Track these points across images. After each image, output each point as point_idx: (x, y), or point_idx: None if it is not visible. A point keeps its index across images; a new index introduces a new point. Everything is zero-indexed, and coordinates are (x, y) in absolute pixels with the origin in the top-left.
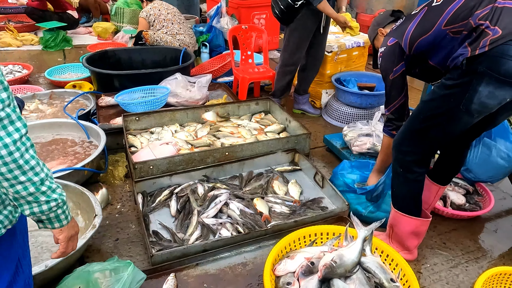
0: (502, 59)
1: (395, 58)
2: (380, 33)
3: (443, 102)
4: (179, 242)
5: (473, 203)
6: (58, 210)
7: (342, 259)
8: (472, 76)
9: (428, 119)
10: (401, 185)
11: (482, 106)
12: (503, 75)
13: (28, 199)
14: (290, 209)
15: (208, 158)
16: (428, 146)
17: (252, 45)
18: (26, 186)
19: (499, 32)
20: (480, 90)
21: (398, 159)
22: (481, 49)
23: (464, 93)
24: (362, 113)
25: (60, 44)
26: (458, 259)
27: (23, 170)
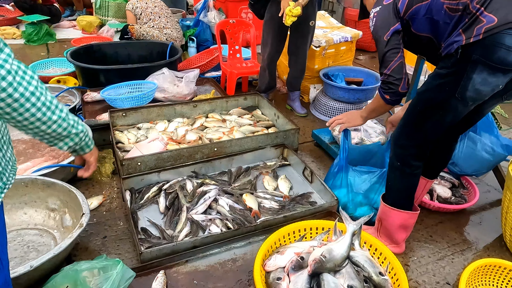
0: (495, 47)
1: (391, 17)
2: None
3: (438, 92)
4: (168, 239)
5: (459, 196)
6: (86, 138)
7: (332, 254)
8: (466, 64)
9: (424, 110)
10: (397, 179)
11: (476, 93)
12: (495, 62)
13: (63, 134)
14: (279, 205)
15: (196, 154)
16: (426, 138)
17: (240, 40)
18: (59, 123)
19: (495, 21)
20: (474, 77)
21: (396, 153)
22: (476, 37)
23: (458, 81)
24: (350, 108)
25: (43, 38)
26: (445, 251)
27: (53, 110)
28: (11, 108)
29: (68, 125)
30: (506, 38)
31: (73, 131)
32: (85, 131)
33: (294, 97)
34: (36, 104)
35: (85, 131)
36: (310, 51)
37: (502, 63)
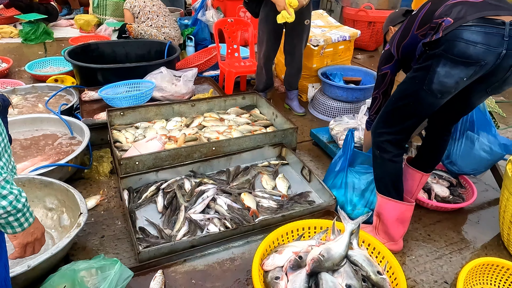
0: (455, 41)
1: (384, 60)
2: (391, 30)
3: (410, 84)
4: (167, 238)
5: (457, 195)
6: (10, 218)
7: (330, 253)
8: (432, 59)
9: (398, 100)
10: (379, 167)
11: (441, 86)
12: (456, 55)
13: None
14: (277, 204)
15: (195, 153)
16: (399, 125)
17: (238, 39)
18: None
19: (451, 21)
20: (438, 70)
21: (375, 142)
22: (437, 35)
23: (426, 74)
24: (348, 107)
25: (41, 37)
26: (442, 250)
27: None
28: None
29: None
30: (464, 33)
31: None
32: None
33: (292, 96)
34: None
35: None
36: (308, 50)
37: (463, 56)
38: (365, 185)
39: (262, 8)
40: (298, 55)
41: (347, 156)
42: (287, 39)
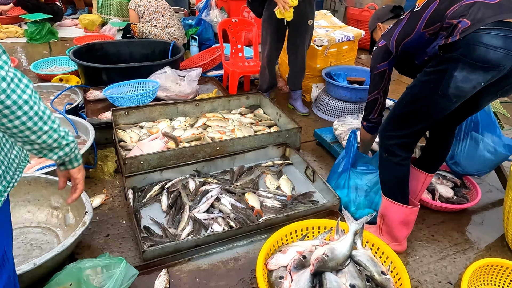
0: (474, 45)
1: (380, 57)
2: (378, 27)
3: (423, 87)
4: (171, 237)
5: (461, 196)
6: (76, 150)
7: (334, 253)
8: (449, 63)
9: (409, 104)
10: (386, 170)
11: (458, 90)
12: (475, 60)
13: (53, 145)
14: (281, 204)
15: (199, 153)
16: (410, 129)
17: (242, 39)
18: (50, 134)
19: (468, 23)
20: (456, 75)
21: (383, 145)
22: (453, 38)
23: (441, 78)
24: (352, 107)
25: (46, 37)
26: (446, 251)
27: (44, 120)
28: (1, 114)
29: (58, 137)
30: (484, 37)
31: (63, 142)
32: (75, 143)
33: (296, 96)
34: (28, 113)
35: (75, 143)
36: (312, 50)
37: (482, 61)
38: (369, 186)
39: (265, 8)
40: (301, 55)
41: (350, 156)
42: (290, 39)
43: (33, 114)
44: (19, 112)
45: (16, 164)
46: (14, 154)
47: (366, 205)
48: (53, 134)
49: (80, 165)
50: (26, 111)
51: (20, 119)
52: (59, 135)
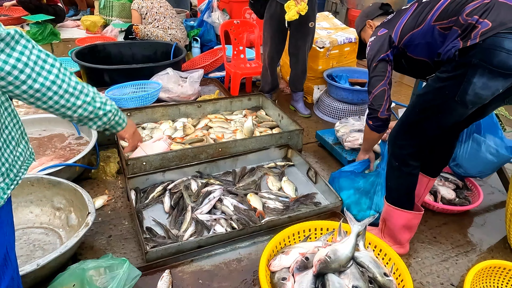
0: (495, 51)
1: (382, 46)
2: (368, 25)
3: (438, 94)
4: (173, 238)
5: (463, 197)
6: (115, 117)
7: (336, 254)
8: (466, 68)
9: (423, 111)
10: (396, 178)
11: (476, 97)
12: (496, 66)
13: (90, 117)
14: (283, 205)
15: (201, 154)
16: (423, 138)
17: (244, 40)
18: (84, 107)
19: (489, 25)
20: (475, 81)
21: (394, 153)
22: (472, 41)
23: (458, 85)
24: (353, 109)
25: (48, 38)
26: (449, 252)
27: (76, 96)
28: (34, 98)
29: (94, 108)
30: (505, 41)
31: (100, 113)
32: (114, 111)
33: (297, 98)
34: (58, 92)
35: (113, 111)
36: (314, 52)
37: (503, 67)
38: (371, 187)
39: (266, 10)
40: (302, 57)
41: None
42: (292, 41)
43: (63, 92)
44: (50, 93)
45: (21, 162)
46: (19, 152)
47: (368, 207)
48: (88, 107)
49: (124, 128)
50: (56, 91)
51: (52, 99)
52: (95, 107)
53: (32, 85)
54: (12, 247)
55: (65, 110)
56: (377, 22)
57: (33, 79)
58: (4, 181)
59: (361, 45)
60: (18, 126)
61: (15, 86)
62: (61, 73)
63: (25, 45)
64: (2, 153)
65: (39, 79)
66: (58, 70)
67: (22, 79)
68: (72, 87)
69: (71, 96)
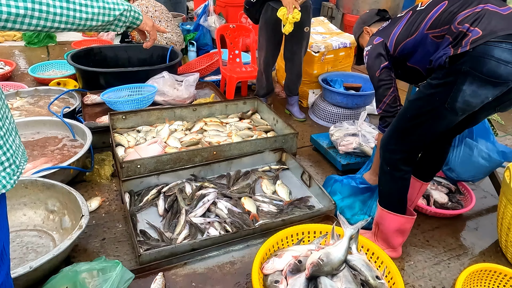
0: (484, 59)
1: (381, 55)
2: (365, 31)
3: (428, 101)
4: (167, 241)
5: (455, 201)
6: (131, 13)
7: (329, 257)
8: (457, 76)
9: (414, 117)
10: (387, 183)
11: (466, 105)
12: (485, 74)
13: (110, 20)
14: (277, 208)
15: (196, 157)
16: (414, 144)
17: (239, 44)
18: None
19: (480, 33)
20: (464, 89)
21: (385, 158)
22: (463, 49)
23: (448, 92)
24: (348, 113)
25: (44, 40)
26: (441, 256)
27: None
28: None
29: (110, 10)
30: (495, 50)
31: (116, 14)
32: (127, 7)
33: (292, 102)
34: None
35: (127, 8)
36: (309, 56)
37: (492, 76)
38: (361, 189)
39: (262, 15)
40: (297, 62)
41: None
42: (287, 46)
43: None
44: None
45: (21, 154)
46: (17, 143)
47: (362, 211)
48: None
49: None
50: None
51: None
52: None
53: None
54: (7, 243)
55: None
56: (374, 28)
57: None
58: (11, 167)
59: (359, 51)
60: (13, 120)
61: None
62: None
63: None
64: (7, 139)
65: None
66: None
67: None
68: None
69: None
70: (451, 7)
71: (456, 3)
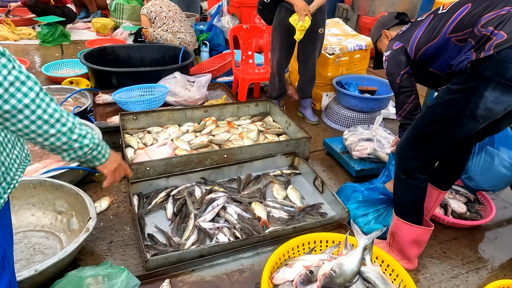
0: (509, 64)
1: (402, 61)
2: (384, 35)
3: (448, 107)
4: (175, 246)
5: (474, 211)
6: (94, 152)
7: (342, 268)
8: (478, 81)
9: (432, 124)
10: (403, 191)
11: (487, 112)
12: (509, 80)
13: (63, 148)
14: (288, 215)
15: (206, 160)
16: (431, 151)
17: (253, 45)
18: (58, 137)
19: (504, 37)
20: (486, 95)
21: (400, 165)
22: (486, 53)
23: (469, 98)
24: (363, 117)
25: (58, 39)
26: (459, 269)
27: (51, 124)
28: (2, 118)
29: (69, 140)
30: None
31: (75, 145)
32: (92, 145)
33: (305, 105)
34: (30, 117)
35: (92, 146)
36: (323, 58)
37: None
38: (380, 199)
39: (275, 16)
40: (311, 64)
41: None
42: (301, 47)
43: (35, 118)
44: (20, 116)
45: (17, 165)
46: (15, 154)
47: (376, 219)
48: (62, 137)
49: (103, 164)
50: (27, 115)
51: (22, 123)
52: (70, 138)
53: (1, 106)
54: (10, 250)
55: (35, 136)
56: (393, 31)
57: (4, 99)
58: (1, 185)
59: (378, 55)
60: None
61: None
62: (38, 97)
63: (4, 65)
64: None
65: (11, 100)
66: (35, 95)
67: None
68: (48, 114)
69: (45, 124)
70: (475, 9)
71: (481, 5)
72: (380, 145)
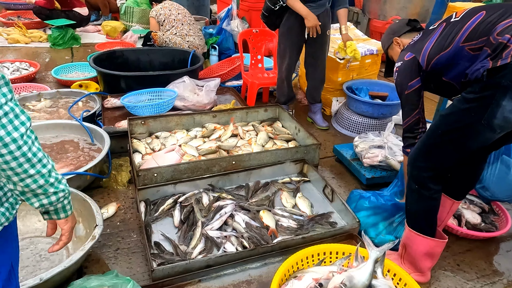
0: None
1: (411, 73)
2: (395, 42)
3: (463, 116)
4: (182, 255)
5: (489, 222)
6: (65, 201)
7: (352, 282)
8: (495, 90)
9: (446, 133)
10: (415, 202)
11: (505, 121)
12: None
13: (37, 191)
14: (297, 224)
15: (214, 167)
16: (445, 161)
17: (262, 50)
18: (35, 178)
19: None
20: (504, 104)
21: (413, 175)
22: (503, 61)
23: (486, 107)
24: (373, 123)
25: (69, 42)
26: (473, 282)
27: (32, 163)
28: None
29: (45, 183)
30: None
31: (50, 190)
32: (66, 192)
33: (315, 110)
34: (14, 153)
35: (65, 193)
36: (334, 63)
37: None
38: (391, 210)
39: (284, 21)
40: (321, 67)
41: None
42: (309, 51)
43: (19, 154)
44: (3, 150)
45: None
46: None
47: (387, 231)
48: (40, 179)
49: (68, 217)
50: (12, 150)
51: (3, 157)
52: (47, 181)
53: None
54: (17, 261)
55: (11, 174)
56: (405, 39)
57: None
58: (13, 196)
59: (389, 62)
60: None
61: None
62: (26, 134)
63: (4, 94)
64: None
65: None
66: (25, 130)
67: None
68: (32, 153)
69: (27, 162)
70: (489, 17)
71: (495, 12)
72: (391, 153)
